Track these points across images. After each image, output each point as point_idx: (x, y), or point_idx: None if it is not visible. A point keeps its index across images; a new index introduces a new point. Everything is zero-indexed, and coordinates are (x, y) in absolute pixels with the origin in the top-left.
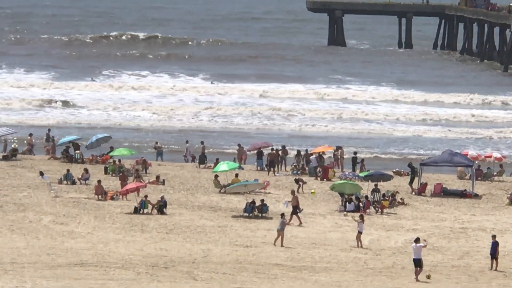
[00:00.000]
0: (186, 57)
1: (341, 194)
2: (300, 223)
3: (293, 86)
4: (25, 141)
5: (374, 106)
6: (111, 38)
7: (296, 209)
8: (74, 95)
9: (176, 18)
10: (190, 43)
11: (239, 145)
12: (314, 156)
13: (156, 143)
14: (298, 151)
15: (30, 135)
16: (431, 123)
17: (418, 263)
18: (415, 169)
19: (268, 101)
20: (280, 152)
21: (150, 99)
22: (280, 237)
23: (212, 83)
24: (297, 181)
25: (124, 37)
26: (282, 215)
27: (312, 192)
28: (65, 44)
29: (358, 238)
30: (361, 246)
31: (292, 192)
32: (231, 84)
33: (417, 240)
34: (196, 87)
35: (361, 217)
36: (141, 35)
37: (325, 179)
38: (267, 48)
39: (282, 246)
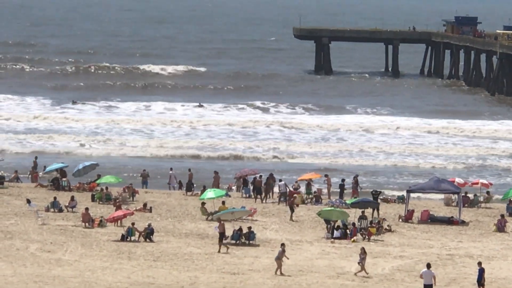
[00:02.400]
0: (169, 86)
1: (327, 221)
2: (227, 249)
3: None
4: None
5: (369, 135)
6: (116, 68)
7: (222, 236)
8: (63, 123)
9: (178, 48)
10: (186, 70)
11: (215, 172)
12: (282, 182)
13: (144, 170)
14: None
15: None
16: (422, 153)
17: None
18: (377, 198)
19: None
20: (266, 180)
21: (145, 127)
22: (278, 266)
23: (200, 105)
24: (291, 207)
25: (123, 68)
26: (282, 244)
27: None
28: (59, 75)
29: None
30: (366, 273)
31: (218, 219)
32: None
33: (428, 266)
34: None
35: (363, 250)
36: (146, 66)
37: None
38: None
39: (281, 274)
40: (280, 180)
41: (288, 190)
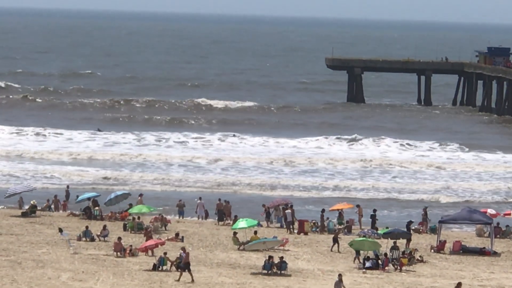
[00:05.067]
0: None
1: (358, 252)
2: (192, 280)
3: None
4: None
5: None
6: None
7: (187, 266)
8: (94, 153)
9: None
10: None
11: (225, 201)
12: (289, 210)
13: (180, 201)
14: (283, 208)
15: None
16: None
17: None
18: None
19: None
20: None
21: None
22: None
23: (99, 130)
24: (335, 240)
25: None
26: (340, 275)
27: None
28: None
29: None
30: None
31: (183, 248)
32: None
33: None
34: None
35: None
36: (183, 101)
37: (301, 233)
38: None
39: None
40: (286, 209)
41: (294, 219)
